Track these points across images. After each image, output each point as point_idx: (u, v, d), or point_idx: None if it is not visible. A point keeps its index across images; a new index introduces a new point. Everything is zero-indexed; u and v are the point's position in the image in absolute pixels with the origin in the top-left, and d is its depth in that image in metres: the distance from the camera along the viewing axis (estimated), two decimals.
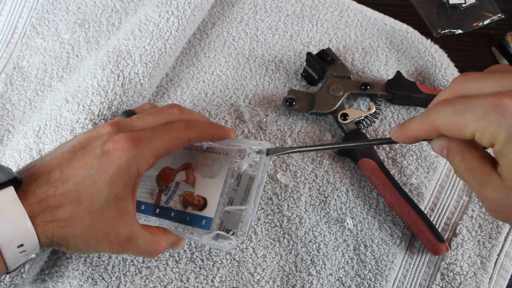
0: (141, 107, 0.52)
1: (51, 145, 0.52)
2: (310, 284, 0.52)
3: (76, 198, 0.40)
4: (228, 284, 0.51)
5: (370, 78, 0.64)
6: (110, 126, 0.44)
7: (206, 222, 0.51)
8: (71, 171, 0.40)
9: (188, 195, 0.52)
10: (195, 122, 0.48)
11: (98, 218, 0.41)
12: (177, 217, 0.52)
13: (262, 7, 0.69)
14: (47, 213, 0.38)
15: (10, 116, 0.60)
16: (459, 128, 0.34)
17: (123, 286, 0.51)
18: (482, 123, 0.32)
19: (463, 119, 0.34)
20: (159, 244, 0.46)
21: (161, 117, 0.47)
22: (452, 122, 0.34)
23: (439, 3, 0.72)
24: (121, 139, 0.42)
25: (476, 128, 0.33)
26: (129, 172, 0.42)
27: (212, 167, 0.53)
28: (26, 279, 0.48)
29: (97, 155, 0.41)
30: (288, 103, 0.60)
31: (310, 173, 0.57)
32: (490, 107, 0.32)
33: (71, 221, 0.39)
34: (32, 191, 0.39)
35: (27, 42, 0.64)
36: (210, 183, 0.52)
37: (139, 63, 0.57)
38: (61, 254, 0.52)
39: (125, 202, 0.42)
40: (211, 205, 0.52)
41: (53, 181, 0.40)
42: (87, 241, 0.41)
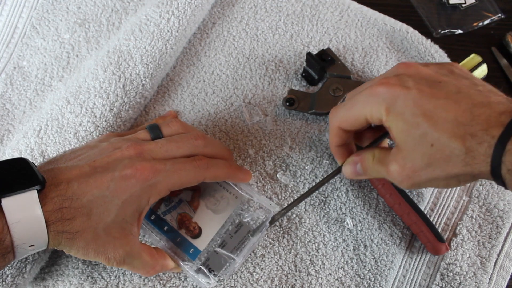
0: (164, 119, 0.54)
1: (54, 147, 0.52)
2: (309, 284, 0.52)
3: (86, 213, 0.42)
4: (226, 283, 0.51)
5: (370, 78, 0.64)
6: (134, 149, 0.46)
7: (193, 252, 0.51)
8: (87, 188, 0.42)
9: (186, 218, 0.53)
10: (214, 163, 0.50)
11: (102, 235, 0.43)
12: (169, 232, 0.52)
13: (262, 7, 0.69)
14: (59, 224, 0.40)
15: (10, 116, 0.60)
16: (354, 118, 0.44)
17: (122, 285, 0.51)
18: (367, 107, 0.42)
19: (354, 111, 0.44)
20: (154, 267, 0.48)
21: (185, 148, 0.49)
22: (348, 116, 0.45)
23: (439, 3, 0.72)
24: (140, 168, 0.44)
25: (365, 113, 0.42)
26: (140, 200, 0.44)
27: (219, 202, 0.53)
28: (27, 278, 0.48)
29: (114, 178, 0.43)
30: (288, 103, 0.60)
31: (310, 173, 0.57)
32: (367, 95, 0.42)
33: (78, 235, 0.41)
34: (51, 197, 0.40)
35: (27, 42, 0.64)
36: (211, 216, 0.53)
37: (140, 64, 0.57)
38: (61, 253, 0.52)
39: (131, 225, 0.45)
40: (204, 238, 0.52)
41: (70, 193, 0.41)
42: (87, 253, 0.43)
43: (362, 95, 0.43)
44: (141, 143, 0.48)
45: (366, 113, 0.42)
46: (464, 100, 0.38)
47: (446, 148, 0.37)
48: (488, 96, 0.38)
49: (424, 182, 0.41)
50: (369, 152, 0.46)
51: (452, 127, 0.37)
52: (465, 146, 0.36)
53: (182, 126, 0.52)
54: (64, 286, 0.51)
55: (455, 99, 0.38)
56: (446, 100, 0.38)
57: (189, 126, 0.54)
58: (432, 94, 0.39)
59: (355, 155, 0.48)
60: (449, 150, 0.37)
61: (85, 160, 0.45)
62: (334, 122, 0.47)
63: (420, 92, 0.39)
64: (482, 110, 0.37)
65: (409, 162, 0.40)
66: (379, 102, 0.41)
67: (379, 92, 0.41)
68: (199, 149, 0.50)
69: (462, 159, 0.37)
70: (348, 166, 0.48)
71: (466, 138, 0.36)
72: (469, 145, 0.36)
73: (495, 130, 0.35)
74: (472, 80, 0.41)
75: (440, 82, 0.40)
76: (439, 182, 0.40)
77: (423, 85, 0.40)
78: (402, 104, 0.39)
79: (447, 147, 0.37)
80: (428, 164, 0.39)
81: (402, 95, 0.40)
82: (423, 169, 0.39)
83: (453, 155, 0.37)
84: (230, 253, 0.51)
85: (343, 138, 0.47)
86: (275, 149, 0.59)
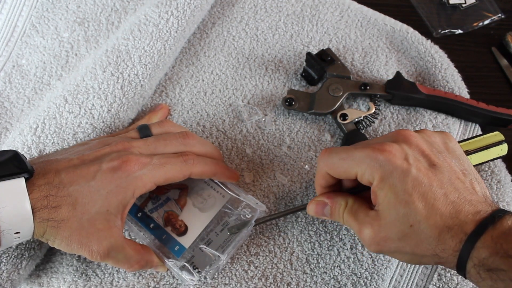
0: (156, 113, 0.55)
1: (52, 147, 0.52)
2: (304, 282, 0.52)
3: (72, 203, 0.42)
4: (220, 281, 0.51)
5: (369, 78, 0.64)
6: (123, 145, 0.47)
7: (179, 249, 0.51)
8: (74, 178, 0.43)
9: (173, 216, 0.53)
10: (201, 159, 0.50)
11: (86, 226, 0.43)
12: (155, 230, 0.52)
13: (262, 7, 0.69)
14: (45, 211, 0.41)
15: (8, 114, 0.60)
16: (344, 171, 0.44)
17: (116, 282, 0.51)
18: (361, 167, 0.42)
19: (346, 164, 0.43)
20: (138, 262, 0.47)
21: (173, 145, 0.50)
22: (338, 166, 0.44)
23: (439, 3, 0.72)
24: (127, 160, 0.45)
25: (357, 170, 0.42)
26: (126, 192, 0.45)
27: (206, 201, 0.53)
28: (23, 275, 0.48)
29: (101, 169, 0.44)
30: (287, 103, 0.60)
31: (307, 173, 0.57)
32: (365, 156, 0.42)
33: (63, 223, 0.42)
34: (38, 185, 0.41)
35: (27, 41, 0.64)
36: (198, 215, 0.53)
37: (139, 64, 0.57)
38: (56, 251, 0.52)
39: (115, 217, 0.45)
40: (189, 236, 0.52)
41: (57, 182, 0.42)
42: (70, 243, 0.43)
43: (360, 153, 0.43)
44: (130, 140, 0.49)
45: (358, 171, 0.43)
46: (452, 193, 0.40)
47: (422, 233, 0.39)
48: (472, 191, 0.41)
49: (389, 252, 0.43)
50: (343, 198, 0.46)
51: (434, 217, 0.39)
52: (440, 237, 0.39)
53: (172, 126, 0.53)
54: (58, 283, 0.51)
55: (445, 190, 0.40)
56: (438, 189, 0.40)
57: (179, 126, 0.54)
58: (428, 178, 0.40)
59: (325, 197, 0.48)
60: (424, 235, 0.39)
61: (75, 154, 0.46)
62: (323, 166, 0.46)
63: (417, 172, 0.40)
64: (463, 206, 0.39)
65: (384, 232, 0.41)
66: (376, 168, 0.41)
67: (378, 158, 0.41)
68: (188, 148, 0.50)
69: (433, 247, 0.39)
70: (313, 206, 0.48)
71: (443, 230, 0.39)
72: (443, 237, 0.38)
73: (468, 227, 0.38)
74: (463, 165, 0.43)
75: (435, 165, 0.41)
76: (403, 256, 0.42)
77: (421, 165, 0.41)
78: (398, 178, 0.40)
79: (424, 233, 0.39)
80: (401, 239, 0.40)
81: (400, 170, 0.40)
82: (394, 241, 0.41)
83: (426, 241, 0.39)
84: (215, 251, 0.51)
85: (329, 181, 0.47)
86: (273, 148, 0.59)
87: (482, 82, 0.67)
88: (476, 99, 0.60)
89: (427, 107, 0.61)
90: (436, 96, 0.60)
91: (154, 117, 0.58)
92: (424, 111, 0.61)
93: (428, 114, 0.61)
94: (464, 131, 0.61)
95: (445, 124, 0.60)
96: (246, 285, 0.51)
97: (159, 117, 0.59)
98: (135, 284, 0.51)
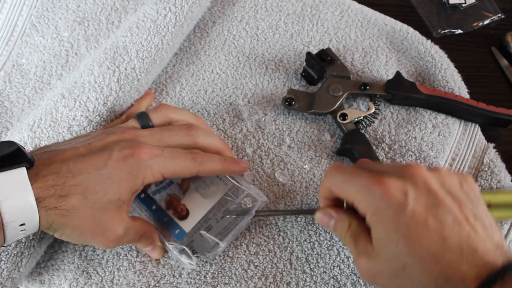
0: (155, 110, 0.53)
1: (47, 141, 0.52)
2: (304, 281, 0.52)
3: (82, 192, 0.41)
4: (220, 280, 0.51)
5: (369, 78, 0.64)
6: (129, 133, 0.47)
7: (179, 233, 0.51)
8: (83, 166, 0.42)
9: (175, 199, 0.53)
10: (210, 157, 0.50)
11: (99, 214, 0.42)
12: (157, 212, 0.52)
13: (263, 6, 0.69)
14: (52, 200, 0.40)
15: (8, 114, 0.60)
16: (344, 193, 0.43)
17: (117, 280, 0.51)
18: (357, 196, 0.41)
19: (347, 188, 0.42)
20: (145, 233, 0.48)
21: (179, 137, 0.49)
22: (340, 187, 0.43)
23: (439, 3, 0.72)
24: (138, 148, 0.45)
25: (354, 198, 0.41)
26: (136, 179, 0.44)
27: (209, 187, 0.53)
28: (23, 273, 0.48)
29: (112, 157, 0.43)
30: (287, 102, 0.60)
31: (307, 172, 0.57)
32: (363, 186, 0.40)
33: (73, 212, 0.41)
34: (43, 175, 0.40)
35: (27, 40, 0.64)
36: (200, 200, 0.53)
37: (136, 58, 0.57)
38: (57, 248, 0.52)
39: (124, 203, 0.44)
40: (190, 221, 0.52)
41: (64, 171, 0.41)
42: (83, 233, 0.43)
43: (360, 181, 0.41)
44: (135, 130, 0.48)
45: (355, 199, 0.41)
46: (455, 238, 0.36)
47: (415, 277, 0.37)
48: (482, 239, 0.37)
49: (383, 285, 0.41)
50: (348, 218, 0.44)
51: (429, 263, 0.36)
52: (436, 285, 0.36)
53: (170, 110, 0.53)
54: (59, 281, 0.51)
55: (446, 234, 0.37)
56: (436, 231, 0.37)
57: (178, 108, 0.54)
58: (425, 220, 0.37)
59: (334, 210, 0.46)
60: (418, 280, 0.37)
61: (80, 143, 0.45)
62: (327, 181, 0.45)
63: (414, 211, 0.38)
64: (467, 255, 0.36)
65: (379, 267, 0.39)
66: (370, 201, 0.40)
67: (374, 191, 0.39)
68: (193, 139, 0.50)
69: None
70: (320, 215, 0.47)
71: (439, 278, 0.36)
72: (440, 286, 0.36)
73: (471, 283, 0.34)
74: (476, 209, 0.39)
75: (440, 205, 0.38)
76: None
77: (421, 203, 0.38)
78: (391, 216, 0.38)
79: (417, 278, 0.37)
80: (395, 278, 0.39)
81: (395, 207, 0.38)
82: (389, 278, 0.39)
83: (421, 286, 0.37)
84: (215, 237, 0.51)
85: (331, 195, 0.46)
86: (273, 148, 0.59)
87: (482, 82, 0.67)
88: (476, 99, 0.60)
89: (427, 107, 0.61)
90: (436, 96, 0.60)
91: (143, 104, 0.58)
92: (424, 111, 0.61)
93: (428, 114, 0.61)
94: (464, 131, 0.61)
95: (445, 124, 0.61)
96: (246, 284, 0.51)
97: (147, 103, 0.59)
98: (136, 282, 0.51)
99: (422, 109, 0.62)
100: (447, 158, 0.59)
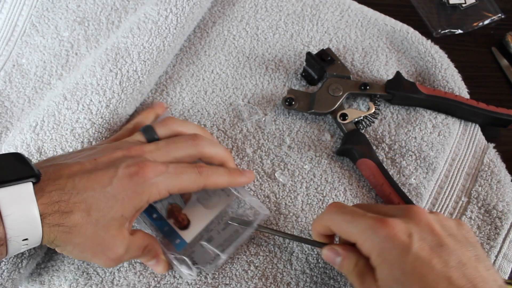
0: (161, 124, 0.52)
1: (50, 143, 0.52)
2: (304, 282, 0.52)
3: (85, 209, 0.41)
4: (221, 281, 0.51)
5: (369, 78, 0.64)
6: (135, 150, 0.47)
7: (180, 243, 0.51)
8: (88, 183, 0.42)
9: (176, 208, 0.53)
10: (215, 170, 0.50)
11: (101, 232, 0.42)
12: (157, 220, 0.52)
13: (263, 6, 0.69)
14: (56, 216, 0.39)
15: (8, 114, 0.60)
16: (346, 233, 0.43)
17: (117, 281, 0.51)
18: (362, 236, 0.41)
19: (349, 229, 0.42)
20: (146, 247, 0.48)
21: (185, 149, 0.49)
22: (341, 227, 0.43)
23: (439, 3, 0.72)
24: (144, 166, 0.44)
25: (357, 238, 0.41)
26: (141, 197, 0.44)
27: (211, 198, 0.53)
28: (23, 274, 0.48)
29: (117, 175, 0.43)
30: (287, 102, 0.60)
31: (308, 172, 0.57)
32: (368, 228, 0.40)
33: (76, 229, 0.41)
34: (48, 191, 0.40)
35: (27, 40, 0.64)
36: (201, 210, 0.53)
37: (138, 60, 0.57)
38: None
39: (127, 220, 0.44)
40: (191, 231, 0.52)
41: (69, 187, 0.41)
42: (83, 251, 0.42)
43: (364, 222, 0.41)
44: (141, 145, 0.48)
45: (358, 240, 0.41)
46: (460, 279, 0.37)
47: None
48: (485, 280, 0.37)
49: None
50: (355, 256, 0.44)
51: None
52: None
53: (176, 123, 0.53)
54: (59, 282, 0.51)
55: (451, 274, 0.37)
56: (442, 272, 0.37)
57: (184, 121, 0.54)
58: (430, 260, 0.38)
59: (342, 248, 0.45)
60: None
61: (85, 158, 0.45)
62: (326, 220, 0.45)
63: (420, 251, 0.38)
64: None
65: None
66: (375, 243, 0.40)
67: (379, 233, 0.39)
68: (198, 149, 0.50)
69: None
70: (328, 253, 0.46)
71: None
72: None
73: None
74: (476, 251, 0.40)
75: (443, 246, 0.39)
76: None
77: (426, 244, 0.39)
78: (397, 257, 0.38)
79: None
80: None
81: (401, 247, 0.38)
82: None
83: None
84: (216, 249, 0.51)
85: (327, 233, 0.46)
86: (273, 148, 0.59)
87: (482, 82, 0.67)
88: (476, 99, 0.60)
89: (427, 107, 0.61)
90: (436, 96, 0.60)
91: (151, 114, 0.58)
92: (424, 111, 0.61)
93: (428, 114, 0.61)
94: (464, 131, 0.61)
95: (445, 124, 0.61)
96: (246, 285, 0.51)
97: (155, 114, 0.58)
98: (136, 283, 0.51)
99: (422, 109, 0.62)
100: (447, 158, 0.59)
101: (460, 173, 0.59)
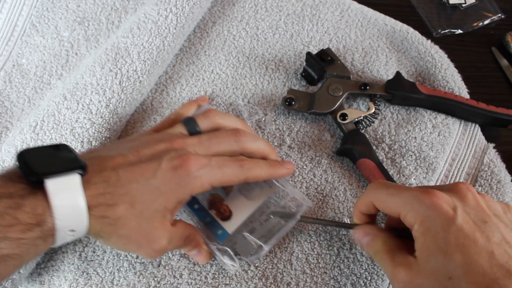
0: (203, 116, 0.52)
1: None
2: (304, 282, 0.52)
3: (130, 201, 0.41)
4: (221, 281, 0.51)
5: (369, 78, 0.64)
6: (178, 142, 0.47)
7: (222, 234, 0.51)
8: (132, 176, 0.42)
9: (218, 199, 0.52)
10: (256, 163, 0.50)
11: (144, 224, 0.43)
12: (199, 211, 0.52)
13: (263, 6, 0.69)
14: (101, 209, 0.40)
15: (8, 114, 0.60)
16: (389, 206, 0.43)
17: (117, 281, 0.51)
18: (406, 207, 0.41)
19: (393, 200, 0.42)
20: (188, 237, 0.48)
21: (227, 144, 0.49)
22: (385, 200, 0.43)
23: (439, 3, 0.72)
24: (187, 159, 0.44)
25: (401, 209, 0.41)
26: (184, 190, 0.44)
27: (253, 189, 0.53)
28: (23, 274, 0.48)
29: (161, 167, 0.43)
30: (287, 102, 0.60)
31: (308, 172, 0.57)
32: (413, 198, 0.41)
33: (120, 222, 0.41)
34: (94, 183, 0.40)
35: (27, 40, 0.64)
36: (243, 201, 0.53)
37: (137, 60, 0.57)
38: (57, 249, 0.52)
39: (169, 212, 0.44)
40: (234, 222, 0.51)
41: (114, 180, 0.41)
42: (128, 243, 0.43)
43: (408, 193, 0.41)
44: (184, 138, 0.48)
45: (402, 211, 0.41)
46: (502, 255, 0.37)
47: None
48: None
49: None
50: (384, 235, 0.45)
51: (476, 274, 0.36)
52: None
53: (218, 115, 0.52)
54: (59, 282, 0.51)
55: (493, 249, 0.37)
56: (484, 246, 0.37)
57: (225, 114, 0.54)
58: (473, 234, 0.37)
59: (371, 228, 0.46)
60: None
61: (128, 150, 0.45)
62: (370, 196, 0.45)
63: (463, 223, 0.38)
64: None
65: (420, 280, 0.39)
66: (419, 211, 0.40)
67: (424, 201, 0.39)
68: (241, 145, 0.50)
69: None
70: (358, 232, 0.47)
71: None
72: None
73: None
74: None
75: (487, 222, 0.39)
76: None
77: (469, 218, 0.39)
78: (441, 226, 0.38)
79: None
80: None
81: (445, 217, 0.38)
82: None
83: None
84: (258, 240, 0.50)
85: (370, 211, 0.46)
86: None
87: (482, 82, 0.67)
88: (476, 99, 0.60)
89: (427, 107, 0.61)
90: (436, 96, 0.60)
91: (194, 106, 0.57)
92: (424, 111, 0.61)
93: (428, 114, 0.61)
94: (464, 131, 0.61)
95: (445, 124, 0.61)
96: (246, 285, 0.51)
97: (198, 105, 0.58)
98: (136, 283, 0.51)
99: (422, 109, 0.62)
100: (447, 158, 0.59)
101: (460, 173, 0.59)
